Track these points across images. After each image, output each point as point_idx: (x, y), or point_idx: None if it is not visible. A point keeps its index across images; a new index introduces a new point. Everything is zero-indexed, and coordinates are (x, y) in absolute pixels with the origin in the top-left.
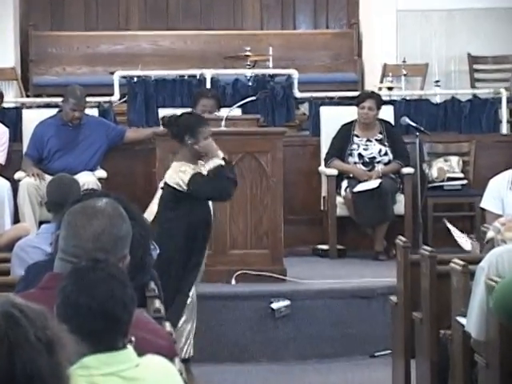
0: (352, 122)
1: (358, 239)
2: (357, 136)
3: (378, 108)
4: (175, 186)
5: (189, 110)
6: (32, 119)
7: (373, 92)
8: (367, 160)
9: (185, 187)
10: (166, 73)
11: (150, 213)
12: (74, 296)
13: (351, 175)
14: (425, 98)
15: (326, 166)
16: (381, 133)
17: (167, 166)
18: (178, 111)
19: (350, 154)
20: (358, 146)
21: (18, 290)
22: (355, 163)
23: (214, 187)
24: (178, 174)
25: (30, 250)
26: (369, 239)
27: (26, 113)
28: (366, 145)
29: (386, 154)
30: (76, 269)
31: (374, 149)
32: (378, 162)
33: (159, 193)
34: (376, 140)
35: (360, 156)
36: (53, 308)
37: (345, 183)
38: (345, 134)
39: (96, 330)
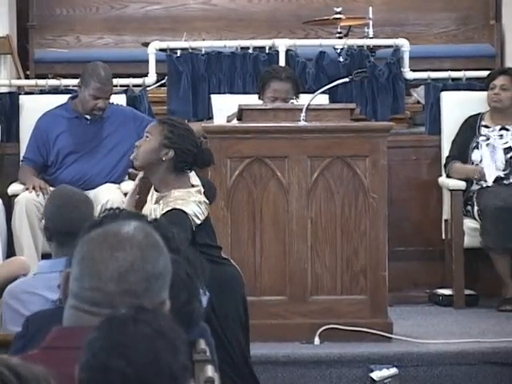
0: (480, 113)
1: (495, 281)
2: (486, 127)
3: None
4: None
5: (253, 97)
6: (33, 109)
7: (509, 68)
8: (501, 152)
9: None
10: (223, 44)
11: None
12: (102, 355)
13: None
14: None
15: (446, 174)
16: None
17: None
18: (239, 98)
19: (476, 147)
20: (488, 138)
21: (13, 351)
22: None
23: None
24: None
25: (27, 298)
26: None
27: (24, 100)
28: (501, 134)
29: None
30: (111, 318)
31: None
32: None
33: None
34: None
35: (491, 148)
36: (60, 375)
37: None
38: (469, 127)
39: None
